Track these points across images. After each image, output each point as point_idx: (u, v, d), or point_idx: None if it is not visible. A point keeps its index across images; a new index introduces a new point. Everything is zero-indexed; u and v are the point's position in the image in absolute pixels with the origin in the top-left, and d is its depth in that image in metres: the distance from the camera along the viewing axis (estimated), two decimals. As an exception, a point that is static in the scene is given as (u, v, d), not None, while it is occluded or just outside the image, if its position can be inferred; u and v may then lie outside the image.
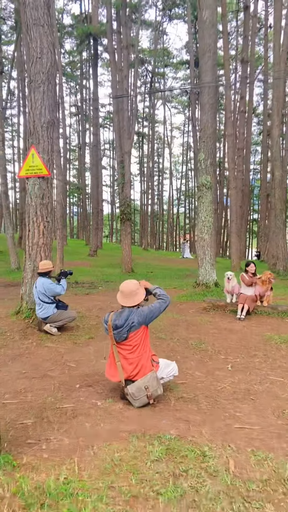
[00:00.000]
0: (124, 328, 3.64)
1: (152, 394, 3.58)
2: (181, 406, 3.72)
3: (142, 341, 3.69)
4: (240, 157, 21.19)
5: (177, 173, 68.03)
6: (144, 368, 3.67)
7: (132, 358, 3.66)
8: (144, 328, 3.72)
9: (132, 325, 3.64)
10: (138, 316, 3.67)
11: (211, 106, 11.13)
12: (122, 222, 17.05)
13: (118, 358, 3.70)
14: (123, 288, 3.79)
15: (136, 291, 3.79)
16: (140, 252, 31.41)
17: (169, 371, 3.94)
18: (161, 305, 3.80)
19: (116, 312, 3.82)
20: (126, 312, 3.71)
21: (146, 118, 50.50)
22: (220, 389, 4.17)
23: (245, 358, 5.30)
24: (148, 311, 3.72)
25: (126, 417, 3.35)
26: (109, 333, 3.72)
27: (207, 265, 10.96)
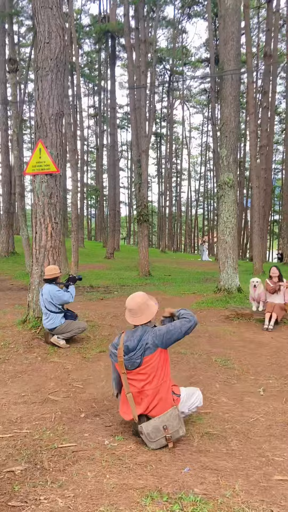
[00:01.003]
0: (137, 351, 2.98)
1: (172, 436, 2.91)
2: (206, 445, 3.04)
3: (160, 367, 3.02)
4: (262, 155, 20.32)
5: (195, 174, 67.16)
6: (163, 402, 3.01)
7: (148, 389, 3.00)
8: (161, 352, 3.04)
9: (147, 347, 2.98)
10: (153, 335, 3.02)
11: (234, 98, 10.39)
12: (139, 223, 16.43)
13: (128, 388, 3.05)
14: (129, 304, 3.13)
15: (146, 303, 3.13)
16: (157, 254, 30.77)
17: (192, 402, 3.27)
18: (183, 324, 3.09)
19: (126, 331, 3.17)
20: (139, 331, 3.06)
21: (164, 119, 49.88)
22: (252, 422, 3.48)
23: (278, 379, 4.58)
24: (166, 331, 3.04)
25: (138, 464, 2.69)
26: (119, 359, 3.06)
27: (229, 269, 10.22)
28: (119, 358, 3.05)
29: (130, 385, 3.05)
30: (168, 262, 25.49)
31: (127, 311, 3.18)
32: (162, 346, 3.02)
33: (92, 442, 2.99)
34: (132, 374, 3.03)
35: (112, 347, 3.20)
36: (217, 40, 32.73)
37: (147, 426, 2.93)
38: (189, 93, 54.19)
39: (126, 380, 3.06)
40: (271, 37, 20.48)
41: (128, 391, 3.04)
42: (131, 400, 3.02)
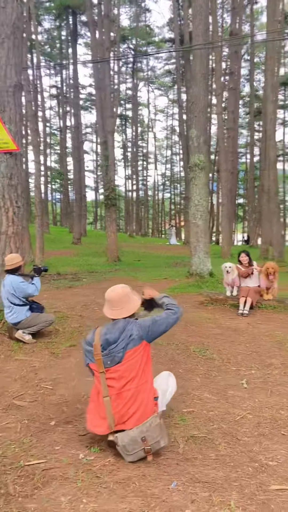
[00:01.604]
0: (119, 344, 2.61)
1: (151, 448, 2.57)
2: (193, 452, 2.74)
3: (143, 364, 2.67)
4: (229, 138, 20.14)
5: (161, 158, 66.65)
6: (144, 406, 2.64)
7: (129, 389, 2.62)
8: (146, 346, 2.71)
9: (131, 338, 2.62)
10: (138, 326, 2.67)
11: (203, 76, 10.02)
12: (107, 207, 15.94)
13: (106, 391, 2.67)
14: (109, 295, 2.77)
15: (127, 295, 2.77)
16: (125, 239, 30.36)
17: (167, 397, 3.00)
18: (169, 316, 2.79)
19: (107, 324, 2.80)
20: (122, 323, 2.70)
21: (129, 100, 48.85)
22: (239, 420, 3.21)
23: (260, 369, 4.35)
24: (151, 322, 2.71)
25: (119, 482, 2.34)
26: (96, 357, 2.68)
27: (201, 253, 10.00)
28: (96, 356, 2.67)
29: (109, 388, 2.67)
30: (136, 246, 25.17)
31: (106, 303, 2.81)
32: (147, 339, 2.70)
33: (65, 457, 2.61)
34: (111, 372, 2.65)
35: (86, 344, 2.81)
36: (181, 20, 32.08)
37: (123, 437, 2.57)
38: (153, 74, 53.26)
39: (105, 381, 2.68)
40: (237, 16, 20.11)
41: (106, 394, 2.67)
42: (108, 405, 2.65)
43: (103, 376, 2.67)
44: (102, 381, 2.67)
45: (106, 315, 2.80)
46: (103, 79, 16.47)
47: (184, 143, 27.95)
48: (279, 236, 14.45)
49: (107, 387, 2.66)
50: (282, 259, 14.47)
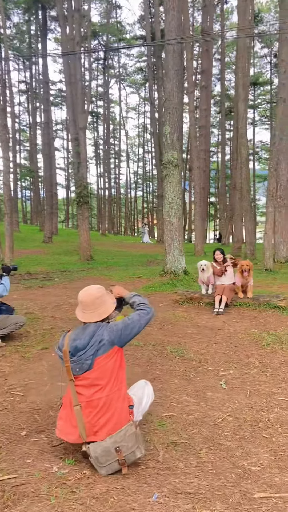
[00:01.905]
0: (88, 350, 2.44)
1: (126, 459, 2.42)
2: (173, 459, 2.61)
3: (115, 371, 2.51)
4: (202, 136, 20.19)
5: (134, 156, 66.49)
6: (117, 415, 2.48)
7: (100, 398, 2.45)
8: (118, 351, 2.55)
9: (101, 344, 2.46)
10: (109, 331, 2.51)
11: (176, 72, 9.92)
12: (79, 205, 15.65)
13: (76, 400, 2.50)
14: (82, 296, 2.60)
15: (101, 298, 2.61)
16: (98, 237, 30.05)
17: (143, 406, 2.82)
18: (142, 317, 2.64)
19: (75, 329, 2.63)
20: (92, 327, 2.53)
21: (100, 97, 48.38)
22: (219, 423, 3.11)
23: (238, 368, 4.28)
24: (123, 325, 2.55)
25: (97, 497, 2.18)
26: (65, 364, 2.51)
27: (175, 251, 9.92)
28: (65, 362, 2.51)
29: (79, 395, 2.50)
30: (109, 245, 24.94)
31: (79, 305, 2.64)
32: (119, 343, 2.54)
33: (37, 471, 2.43)
34: (80, 379, 2.48)
35: (57, 349, 2.64)
36: (152, 17, 31.97)
37: (96, 448, 2.41)
38: (124, 71, 52.99)
39: (74, 389, 2.51)
40: (208, 14, 20.16)
41: (76, 403, 2.50)
42: (79, 415, 2.48)
43: (72, 384, 2.51)
44: (72, 389, 2.52)
45: (78, 317, 2.63)
46: (74, 74, 16.15)
47: (156, 141, 27.88)
48: (251, 234, 14.57)
49: (77, 395, 2.50)
50: (254, 256, 14.61)
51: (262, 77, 50.53)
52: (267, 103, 53.20)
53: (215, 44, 34.98)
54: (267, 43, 49.23)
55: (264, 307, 7.05)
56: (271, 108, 52.39)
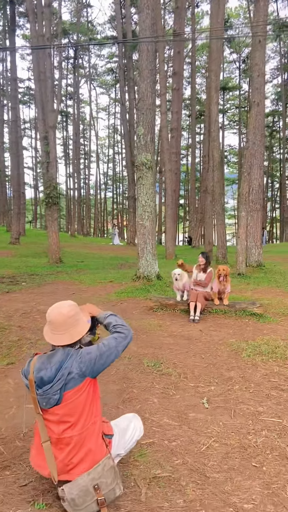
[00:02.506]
0: (55, 384, 2.09)
1: (105, 498, 2.12)
2: (157, 498, 2.32)
3: (88, 404, 2.17)
4: (173, 138, 20.07)
5: (103, 157, 65.99)
6: (92, 453, 2.16)
7: (71, 436, 2.13)
8: (90, 382, 2.20)
9: (70, 377, 2.11)
10: (80, 361, 2.15)
11: (150, 72, 9.68)
12: (48, 206, 15.13)
13: (46, 436, 2.16)
14: (52, 315, 2.23)
15: (74, 317, 2.24)
16: (67, 239, 29.43)
17: (128, 438, 2.49)
18: (119, 343, 2.29)
19: (41, 355, 2.26)
20: (59, 355, 2.17)
21: (70, 97, 47.66)
22: (205, 451, 2.85)
23: (219, 384, 4.04)
24: (98, 354, 2.19)
25: None
26: (31, 394, 2.17)
27: (149, 256, 9.67)
28: (32, 393, 2.17)
29: (48, 429, 2.17)
30: (79, 247, 24.43)
31: (47, 324, 2.27)
32: (91, 375, 2.19)
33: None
34: (49, 413, 2.15)
35: (23, 375, 2.28)
36: (123, 18, 31.70)
37: (71, 488, 2.09)
38: (94, 72, 52.48)
39: (43, 423, 2.17)
40: (179, 16, 20.06)
41: (46, 439, 2.16)
42: (49, 452, 2.15)
43: (39, 418, 2.17)
44: (40, 423, 2.18)
45: (46, 338, 2.26)
46: (44, 71, 15.63)
47: (127, 142, 27.65)
48: (223, 238, 14.52)
49: (46, 431, 2.17)
50: (226, 260, 14.56)
51: (231, 82, 51.39)
52: (236, 108, 54.15)
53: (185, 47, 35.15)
54: (236, 49, 50.07)
55: (241, 314, 6.89)
56: (239, 113, 53.35)
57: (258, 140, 11.91)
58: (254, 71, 10.90)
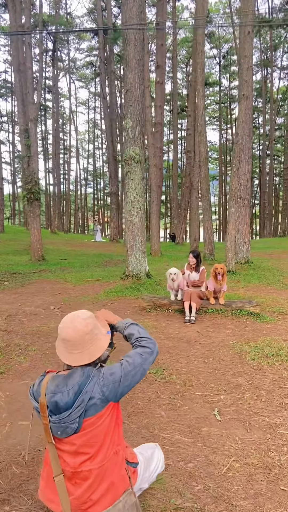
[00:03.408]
0: (74, 412, 1.74)
1: None
2: (183, 536, 2.03)
3: (110, 432, 1.84)
4: (157, 133, 19.75)
5: (83, 152, 65.12)
6: (115, 487, 1.84)
7: (91, 469, 1.80)
8: (113, 407, 1.87)
9: (91, 403, 1.76)
10: (102, 384, 1.79)
11: (137, 62, 9.32)
12: (30, 202, 14.60)
13: (58, 469, 1.82)
14: (66, 332, 1.85)
15: (92, 332, 1.87)
16: (48, 235, 28.77)
17: (152, 470, 2.17)
18: (145, 360, 1.94)
19: (54, 375, 1.88)
20: (78, 376, 1.80)
21: (49, 90, 46.68)
22: (226, 473, 2.57)
23: (228, 392, 3.77)
24: (123, 373, 1.84)
25: None
26: (43, 420, 1.81)
27: (138, 253, 9.35)
28: (43, 419, 1.80)
29: (61, 461, 1.82)
30: (60, 244, 23.89)
31: (60, 341, 1.89)
32: (115, 399, 1.84)
33: None
34: (64, 443, 1.80)
35: (31, 396, 1.90)
36: (103, 10, 31.09)
37: None
38: (74, 65, 51.56)
39: (55, 454, 1.82)
40: (162, 8, 19.71)
41: (58, 472, 1.82)
42: (62, 487, 1.80)
43: (51, 447, 1.82)
44: (52, 453, 1.82)
45: (60, 357, 1.89)
46: (23, 62, 15.05)
47: (109, 137, 27.15)
48: (211, 234, 14.32)
49: (59, 462, 1.82)
50: (213, 257, 14.38)
51: (211, 77, 51.34)
52: (216, 104, 54.22)
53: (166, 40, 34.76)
54: (216, 44, 50.04)
55: (237, 313, 6.65)
56: (220, 109, 53.44)
57: (246, 135, 11.71)
58: (243, 63, 10.67)
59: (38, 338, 5.32)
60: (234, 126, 54.07)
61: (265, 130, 44.40)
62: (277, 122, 47.24)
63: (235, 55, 46.03)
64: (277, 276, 10.73)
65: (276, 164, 54.12)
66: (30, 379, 4.04)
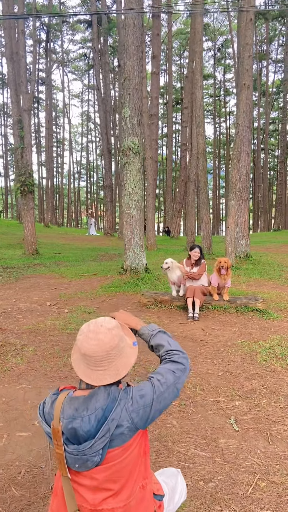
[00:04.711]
0: (97, 443, 1.40)
1: None
2: None
3: (137, 465, 1.51)
4: (153, 124, 19.36)
5: (76, 145, 64.43)
6: None
7: (113, 509, 1.47)
8: (143, 435, 1.53)
9: (118, 432, 1.42)
10: (132, 409, 1.44)
11: (136, 48, 8.96)
12: (23, 195, 14.18)
13: (74, 506, 1.49)
14: (87, 347, 1.47)
15: (118, 346, 1.51)
16: (41, 229, 28.34)
17: (176, 502, 1.85)
18: (178, 378, 1.58)
19: (72, 397, 1.51)
20: (101, 400, 1.44)
21: (42, 82, 45.91)
22: (251, 494, 2.29)
23: (243, 398, 3.49)
24: (155, 395, 1.49)
25: None
26: (56, 449, 1.47)
27: (136, 247, 9.04)
28: (57, 448, 1.45)
29: (78, 496, 1.50)
30: (54, 237, 23.50)
31: (79, 356, 1.51)
32: (144, 426, 1.49)
33: None
34: (82, 477, 1.47)
35: (41, 417, 1.56)
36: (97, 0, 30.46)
37: None
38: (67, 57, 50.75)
39: (70, 489, 1.49)
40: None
41: (74, 509, 1.49)
42: None
43: (67, 481, 1.49)
44: (66, 489, 1.48)
45: (79, 374, 1.51)
46: (17, 50, 14.56)
47: (103, 129, 26.68)
48: (208, 228, 14.03)
49: (74, 497, 1.49)
50: (211, 251, 14.11)
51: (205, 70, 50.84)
52: (210, 97, 53.76)
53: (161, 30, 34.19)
54: (211, 36, 49.55)
55: (242, 310, 6.39)
56: (214, 102, 53.04)
57: (246, 126, 11.42)
58: (244, 51, 10.32)
59: (35, 337, 5.01)
60: (228, 120, 53.82)
61: (260, 124, 44.10)
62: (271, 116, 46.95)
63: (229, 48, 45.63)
64: (278, 271, 10.50)
65: (270, 158, 53.97)
66: (28, 383, 3.73)
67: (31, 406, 3.29)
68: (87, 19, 40.55)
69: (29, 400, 3.38)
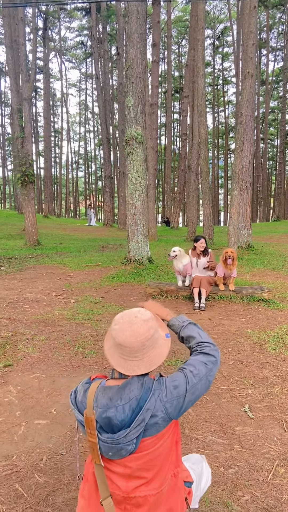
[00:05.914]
0: (132, 432, 1.41)
1: None
2: None
3: (170, 454, 1.54)
4: (153, 114, 19.21)
5: (74, 135, 63.98)
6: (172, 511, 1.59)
7: (145, 496, 1.50)
8: (175, 425, 1.57)
9: (152, 422, 1.44)
10: (166, 400, 1.46)
11: (140, 36, 8.85)
12: (24, 185, 14.10)
13: (107, 493, 1.51)
14: (123, 337, 1.48)
15: (153, 337, 1.52)
16: (40, 220, 28.20)
17: (203, 488, 1.89)
18: (209, 370, 1.60)
19: (106, 386, 1.52)
20: (136, 390, 1.45)
21: (40, 71, 45.40)
22: (272, 480, 2.32)
23: (256, 386, 3.53)
24: (188, 386, 1.51)
25: None
26: (89, 437, 1.48)
27: (140, 237, 9.03)
28: (90, 436, 1.47)
29: (110, 483, 1.52)
30: (54, 228, 23.44)
31: (113, 345, 1.53)
32: (177, 416, 1.51)
33: None
34: (116, 465, 1.49)
35: (74, 405, 1.58)
36: (96, -14, 30.00)
37: None
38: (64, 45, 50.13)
39: (103, 476, 1.51)
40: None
41: (107, 495, 1.51)
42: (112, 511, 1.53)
43: (100, 469, 1.50)
44: (99, 475, 1.50)
45: (112, 364, 1.52)
46: (16, 40, 14.39)
47: (103, 118, 26.48)
48: (210, 218, 14.02)
49: (107, 484, 1.51)
50: (212, 241, 14.12)
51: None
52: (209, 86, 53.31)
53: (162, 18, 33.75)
54: (210, 25, 48.97)
55: (248, 300, 6.41)
56: (213, 91, 52.61)
57: (249, 115, 11.34)
58: (247, 39, 10.22)
59: (44, 327, 5.02)
60: (227, 109, 53.47)
61: (259, 113, 43.82)
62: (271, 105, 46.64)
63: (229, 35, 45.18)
64: (280, 261, 10.52)
65: (269, 148, 53.73)
66: (41, 371, 3.75)
67: (47, 394, 3.31)
68: (85, 6, 40.08)
69: (44, 389, 3.41)
